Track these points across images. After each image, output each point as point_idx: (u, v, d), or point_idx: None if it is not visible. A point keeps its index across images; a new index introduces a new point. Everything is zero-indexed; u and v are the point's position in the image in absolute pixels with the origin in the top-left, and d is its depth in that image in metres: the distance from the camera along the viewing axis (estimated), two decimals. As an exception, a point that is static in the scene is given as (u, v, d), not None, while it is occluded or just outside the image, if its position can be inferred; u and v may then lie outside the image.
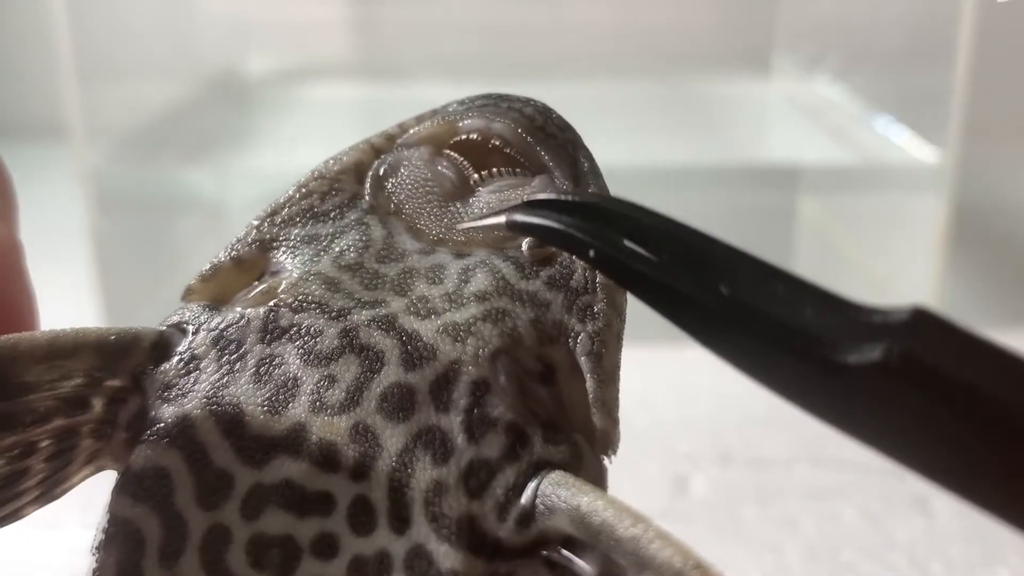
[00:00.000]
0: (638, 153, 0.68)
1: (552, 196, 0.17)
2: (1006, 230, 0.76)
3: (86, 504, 0.17)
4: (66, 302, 0.60)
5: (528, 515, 0.16)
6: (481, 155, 0.19)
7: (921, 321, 0.13)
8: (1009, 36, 0.78)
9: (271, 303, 0.17)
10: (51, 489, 0.17)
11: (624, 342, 0.18)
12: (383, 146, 0.19)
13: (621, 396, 0.18)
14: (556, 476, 0.16)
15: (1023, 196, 0.81)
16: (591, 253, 0.16)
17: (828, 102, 0.76)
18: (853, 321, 0.13)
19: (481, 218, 0.18)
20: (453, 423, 0.16)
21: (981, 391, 0.12)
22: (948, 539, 0.42)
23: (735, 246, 0.15)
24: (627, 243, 0.15)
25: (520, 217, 0.17)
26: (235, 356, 0.17)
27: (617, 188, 0.19)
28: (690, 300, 0.14)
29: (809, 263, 0.69)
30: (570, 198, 0.17)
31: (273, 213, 0.19)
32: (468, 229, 0.18)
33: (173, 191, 0.62)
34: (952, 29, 0.56)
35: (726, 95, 0.83)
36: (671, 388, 0.55)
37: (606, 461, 0.17)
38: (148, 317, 0.18)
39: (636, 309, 0.20)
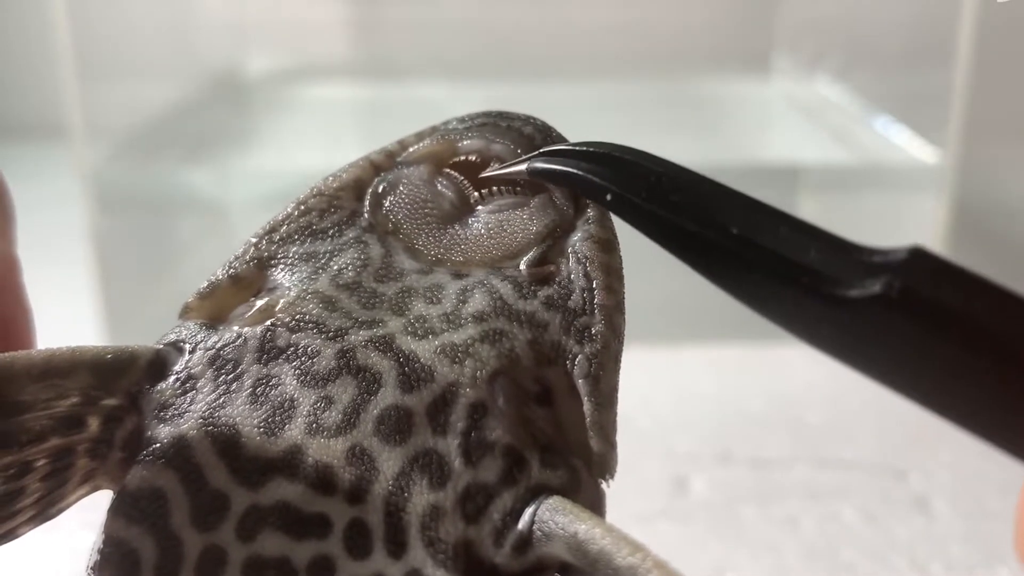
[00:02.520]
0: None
1: (568, 146, 0.17)
2: (1006, 230, 0.76)
3: (88, 505, 0.17)
4: (66, 302, 0.60)
5: (525, 541, 0.16)
6: (481, 173, 0.19)
7: (919, 258, 0.14)
8: (1009, 36, 0.78)
9: (268, 322, 0.17)
10: (46, 509, 0.17)
11: (624, 342, 0.18)
12: (383, 163, 0.19)
13: (622, 396, 0.18)
14: (554, 502, 0.16)
15: (1023, 196, 0.81)
16: (608, 197, 0.17)
17: (828, 102, 0.76)
18: (855, 259, 0.14)
19: (502, 168, 0.18)
20: (450, 446, 0.16)
21: (975, 321, 0.13)
22: (948, 539, 0.42)
23: (741, 192, 0.16)
24: (643, 184, 0.16)
25: (540, 164, 0.18)
26: (232, 376, 0.17)
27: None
28: (703, 240, 0.15)
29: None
30: (585, 147, 0.17)
31: (271, 230, 0.19)
32: (487, 178, 0.19)
33: (173, 191, 0.62)
34: (952, 29, 0.56)
35: (726, 95, 0.83)
36: (671, 388, 0.55)
37: (604, 485, 0.17)
38: (148, 317, 0.18)
39: (636, 310, 0.20)
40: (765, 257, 0.15)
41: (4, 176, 0.20)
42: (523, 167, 0.18)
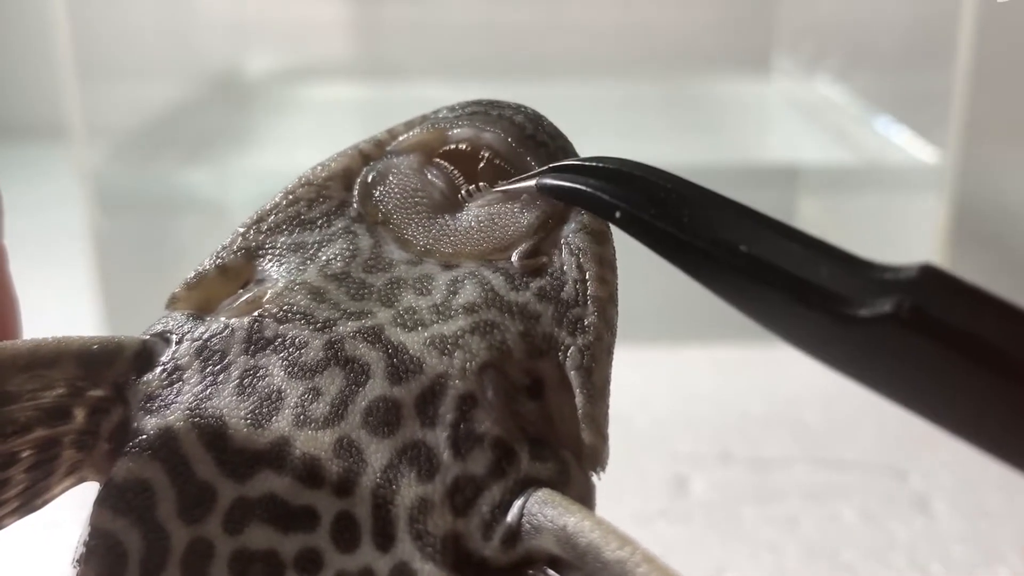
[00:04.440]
0: (638, 153, 0.68)
1: (576, 161, 0.17)
2: (1006, 230, 0.76)
3: (85, 503, 0.17)
4: (66, 302, 0.60)
5: (514, 534, 0.16)
6: (472, 161, 0.19)
7: (930, 276, 0.13)
8: (1009, 36, 0.78)
9: (256, 313, 0.17)
10: (31, 500, 0.17)
11: (624, 342, 0.18)
12: (372, 152, 0.19)
13: (621, 396, 0.18)
14: (543, 494, 0.16)
15: (1023, 196, 0.81)
16: (617, 214, 0.16)
17: (828, 102, 0.76)
18: (866, 277, 0.14)
19: (510, 184, 0.18)
20: (439, 438, 0.16)
21: (988, 340, 0.13)
22: (948, 539, 0.42)
23: (750, 207, 0.16)
24: (652, 202, 0.16)
25: (549, 181, 0.17)
26: (219, 367, 0.17)
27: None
28: (713, 258, 0.15)
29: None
30: (594, 163, 0.17)
31: (259, 220, 0.19)
32: (496, 193, 0.18)
33: (173, 191, 0.62)
34: (952, 29, 0.56)
35: (726, 95, 0.83)
36: (671, 388, 0.55)
37: (594, 478, 0.17)
38: (148, 317, 0.18)
39: (636, 310, 0.20)
40: (775, 275, 0.15)
41: None
42: (532, 183, 0.18)
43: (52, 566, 0.39)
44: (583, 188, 0.17)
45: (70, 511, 0.18)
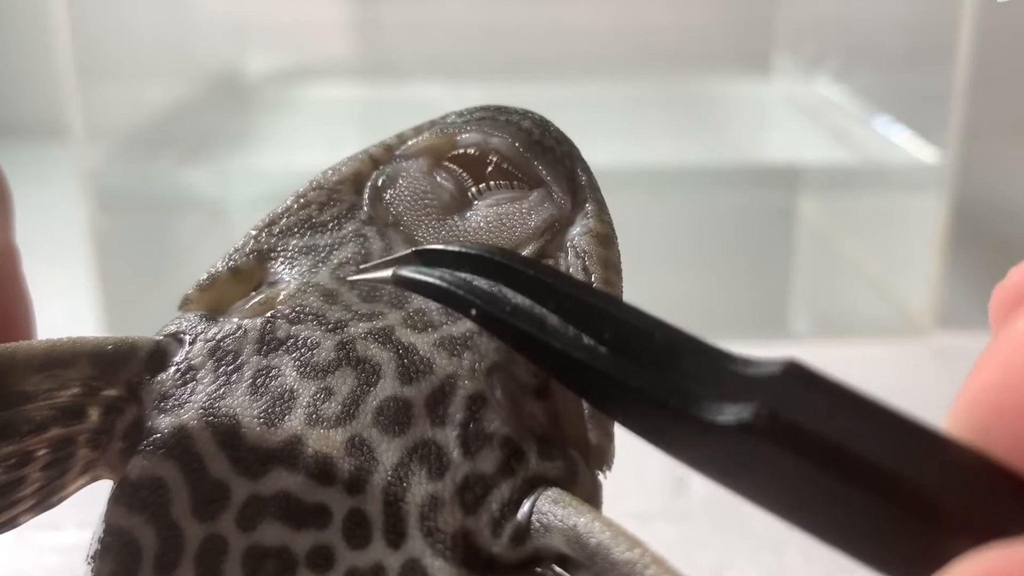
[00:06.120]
0: (638, 153, 0.68)
1: (441, 247, 0.17)
2: (1006, 230, 0.76)
3: (84, 503, 0.18)
4: (66, 302, 0.60)
5: (523, 532, 0.16)
6: (480, 166, 0.19)
7: (792, 376, 0.12)
8: (1009, 36, 0.78)
9: (268, 314, 0.17)
10: (47, 498, 0.17)
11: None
12: (381, 157, 0.19)
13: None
14: (552, 493, 0.16)
15: (1023, 196, 0.81)
16: (472, 312, 0.16)
17: (828, 102, 0.76)
18: (727, 375, 0.13)
19: (369, 271, 0.18)
20: (449, 437, 0.16)
21: (848, 450, 0.12)
22: (948, 539, 0.42)
23: (614, 297, 0.15)
24: (512, 296, 0.16)
25: (405, 273, 0.17)
26: (232, 367, 0.17)
27: (618, 188, 0.19)
28: (571, 359, 0.14)
29: (809, 263, 0.69)
30: (459, 249, 0.17)
31: (271, 223, 0.19)
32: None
33: (173, 191, 0.62)
34: (952, 29, 0.56)
35: (726, 95, 0.83)
36: (671, 388, 0.55)
37: (601, 477, 0.17)
38: (148, 317, 0.18)
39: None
40: (634, 375, 0.14)
41: (2, 168, 0.20)
42: (389, 272, 0.17)
43: (50, 566, 0.39)
44: (437, 284, 0.16)
45: (69, 512, 0.18)
